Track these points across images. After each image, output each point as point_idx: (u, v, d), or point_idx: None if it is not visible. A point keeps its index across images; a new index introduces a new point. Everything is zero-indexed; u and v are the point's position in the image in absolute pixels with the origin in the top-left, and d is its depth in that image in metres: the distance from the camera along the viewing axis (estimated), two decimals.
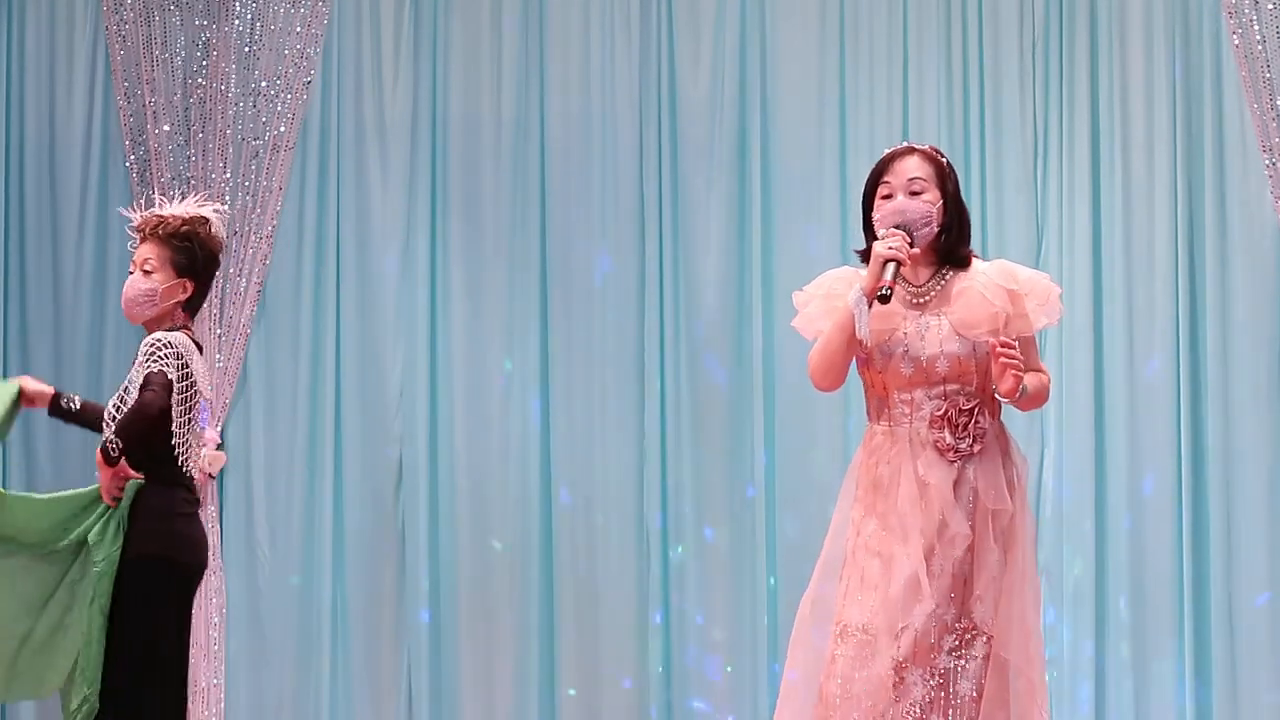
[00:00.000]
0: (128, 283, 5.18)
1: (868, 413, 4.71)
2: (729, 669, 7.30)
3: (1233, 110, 7.11)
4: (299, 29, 7.31)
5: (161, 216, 5.22)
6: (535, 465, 7.37)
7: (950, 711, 4.50)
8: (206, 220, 5.22)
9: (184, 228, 5.19)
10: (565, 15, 7.47)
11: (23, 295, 7.46)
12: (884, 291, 4.46)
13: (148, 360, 5.04)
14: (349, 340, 7.43)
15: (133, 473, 5.04)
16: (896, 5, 7.37)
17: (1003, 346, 4.49)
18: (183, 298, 5.19)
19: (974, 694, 4.52)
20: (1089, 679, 7.11)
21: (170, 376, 5.03)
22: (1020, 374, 4.50)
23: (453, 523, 7.38)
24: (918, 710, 4.48)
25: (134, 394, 5.03)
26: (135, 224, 5.25)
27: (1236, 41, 6.92)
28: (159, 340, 5.07)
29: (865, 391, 4.71)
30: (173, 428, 5.08)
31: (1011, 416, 7.19)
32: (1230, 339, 7.10)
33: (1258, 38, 6.88)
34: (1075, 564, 7.15)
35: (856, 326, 4.51)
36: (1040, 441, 7.18)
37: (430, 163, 7.48)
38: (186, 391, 5.10)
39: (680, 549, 7.32)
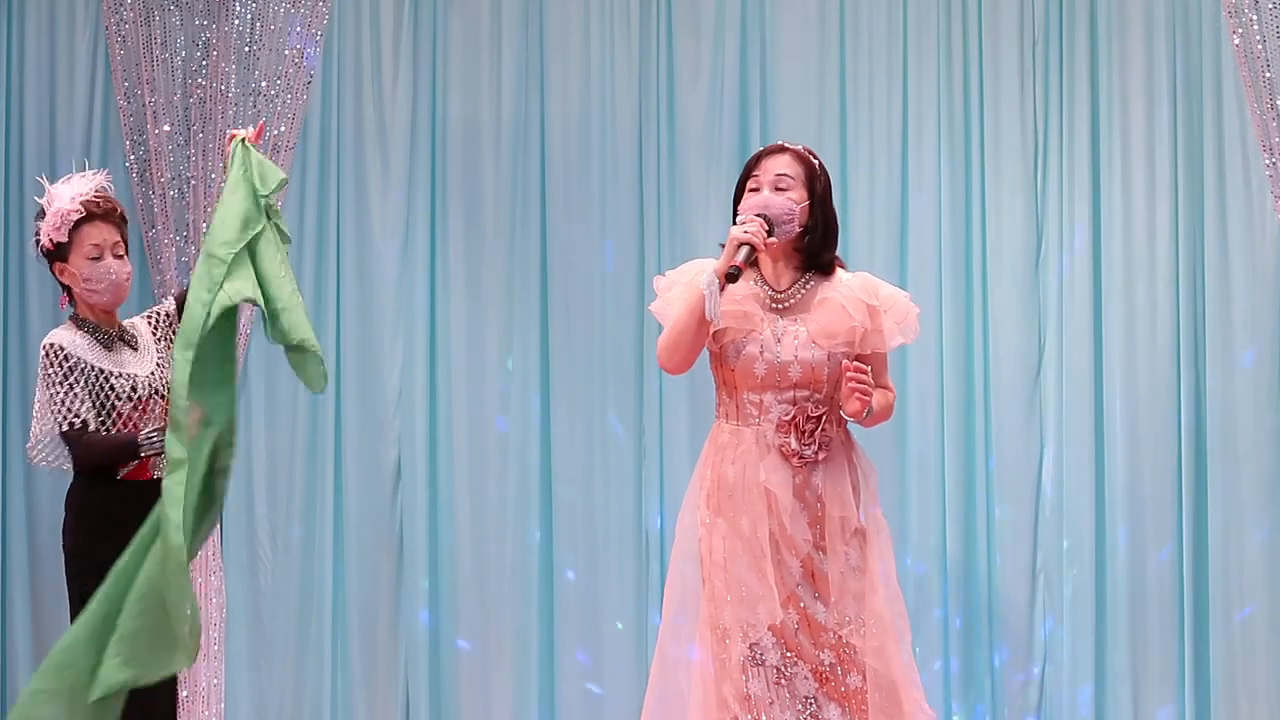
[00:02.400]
0: (115, 268, 5.02)
1: (716, 409, 4.75)
2: None
3: (1232, 110, 7.11)
4: (299, 29, 7.31)
5: (109, 197, 5.11)
6: (535, 465, 7.38)
7: (843, 701, 4.55)
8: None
9: (121, 208, 5.11)
10: (565, 15, 7.47)
11: (22, 295, 7.46)
12: (732, 271, 4.51)
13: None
14: (349, 340, 7.43)
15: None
16: (896, 5, 7.37)
17: (855, 370, 4.52)
18: None
19: (862, 685, 4.57)
20: (1089, 683, 7.11)
21: None
22: (867, 398, 4.54)
23: (451, 522, 7.39)
24: (814, 705, 4.53)
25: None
26: (89, 205, 5.02)
27: (1236, 41, 6.92)
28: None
29: (716, 388, 4.76)
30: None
31: (1006, 418, 7.22)
32: (1230, 339, 7.10)
33: (1258, 38, 6.88)
34: (1074, 567, 7.14)
35: (706, 307, 4.55)
36: (1040, 442, 7.19)
37: (430, 163, 7.48)
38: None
39: None
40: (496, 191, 7.46)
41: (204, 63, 7.31)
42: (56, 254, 5.03)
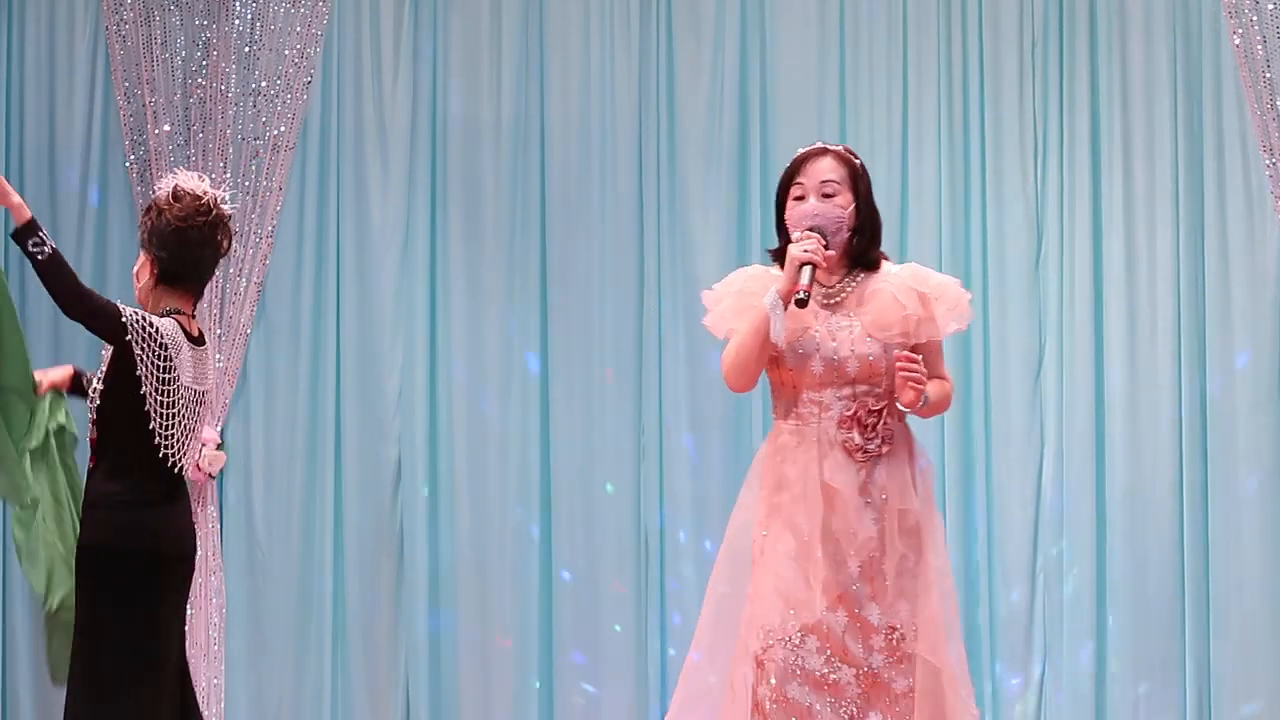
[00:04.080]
0: None
1: (774, 409, 4.73)
2: None
3: (1232, 110, 7.11)
4: (299, 29, 7.31)
5: None
6: (535, 465, 7.37)
7: (889, 707, 4.53)
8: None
9: (149, 204, 5.08)
10: (565, 15, 7.47)
11: (22, 295, 7.45)
12: (801, 295, 4.49)
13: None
14: (348, 340, 7.43)
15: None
16: (896, 5, 7.36)
17: (907, 360, 4.51)
18: (146, 277, 5.05)
19: (910, 689, 4.55)
20: (1089, 682, 7.11)
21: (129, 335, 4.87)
22: (921, 387, 4.52)
23: (451, 522, 7.38)
24: (854, 709, 4.51)
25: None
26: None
27: (1237, 42, 6.92)
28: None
29: (773, 390, 4.74)
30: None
31: (1009, 417, 7.22)
32: (1230, 339, 7.09)
33: (1258, 38, 6.88)
34: (1074, 567, 7.14)
35: (771, 328, 4.53)
36: (1040, 442, 7.18)
37: (430, 163, 7.48)
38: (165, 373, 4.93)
39: (678, 548, 7.32)
40: (496, 191, 7.46)
41: (204, 63, 7.31)
42: None
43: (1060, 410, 7.18)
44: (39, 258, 4.83)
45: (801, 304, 4.49)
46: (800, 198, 4.67)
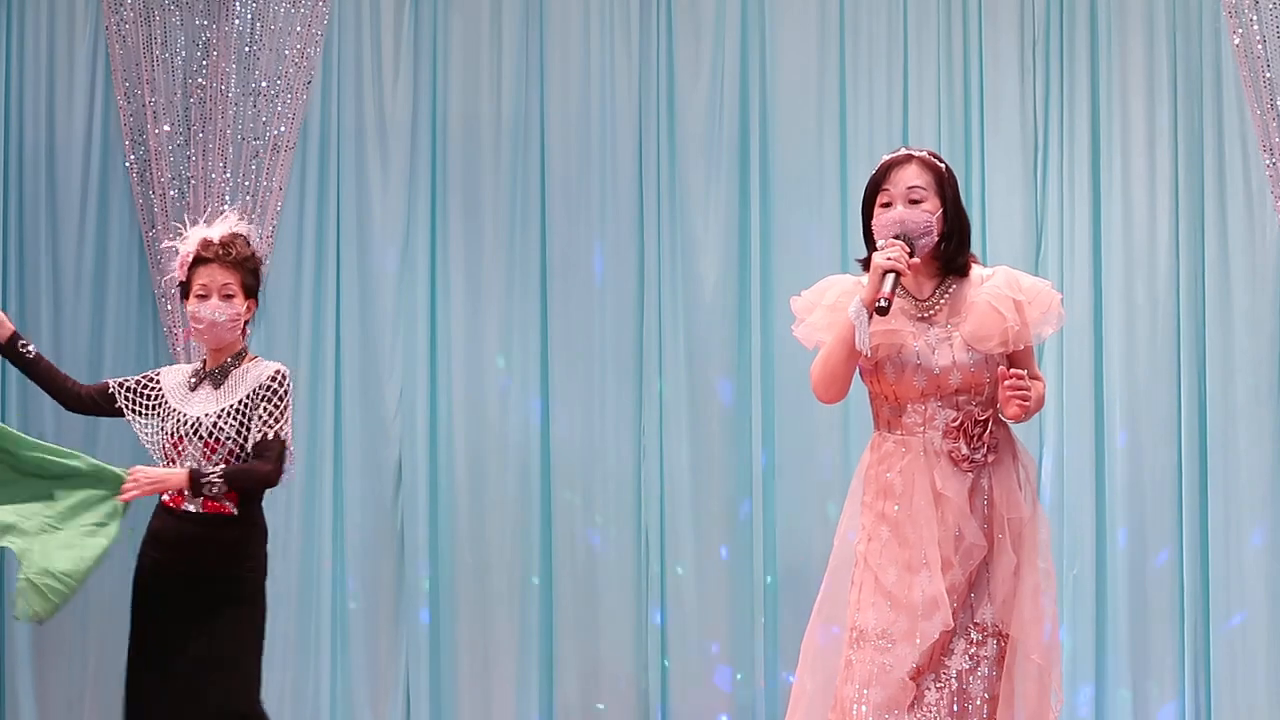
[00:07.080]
0: (210, 308, 5.38)
1: (875, 420, 4.70)
2: (736, 676, 7.29)
3: (1232, 110, 7.11)
4: (299, 29, 7.31)
5: (229, 240, 5.42)
6: (534, 465, 7.38)
7: (962, 710, 4.52)
8: (248, 238, 5.50)
9: (249, 249, 5.43)
10: (565, 15, 7.47)
11: (22, 295, 7.46)
12: (881, 304, 4.45)
13: (280, 405, 5.41)
14: (349, 340, 7.43)
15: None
16: (896, 5, 7.37)
17: (1014, 379, 4.49)
18: (248, 317, 5.49)
19: (985, 695, 4.54)
20: (1089, 682, 7.11)
21: (285, 438, 5.45)
22: (1027, 401, 4.51)
23: (452, 523, 7.39)
24: (930, 713, 4.50)
25: (261, 433, 5.37)
26: (203, 248, 5.41)
27: (1236, 41, 6.92)
28: (287, 379, 5.47)
29: (872, 400, 4.70)
30: None
31: None
32: (1230, 339, 7.10)
33: (1258, 38, 6.88)
34: (1075, 565, 7.14)
35: (856, 338, 4.51)
36: (1039, 441, 7.18)
37: (430, 163, 7.49)
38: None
39: (678, 547, 7.32)
40: (496, 191, 7.47)
41: (204, 63, 7.31)
42: (183, 292, 5.45)
43: (1060, 409, 7.18)
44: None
45: (882, 311, 4.45)
46: (887, 204, 4.63)
